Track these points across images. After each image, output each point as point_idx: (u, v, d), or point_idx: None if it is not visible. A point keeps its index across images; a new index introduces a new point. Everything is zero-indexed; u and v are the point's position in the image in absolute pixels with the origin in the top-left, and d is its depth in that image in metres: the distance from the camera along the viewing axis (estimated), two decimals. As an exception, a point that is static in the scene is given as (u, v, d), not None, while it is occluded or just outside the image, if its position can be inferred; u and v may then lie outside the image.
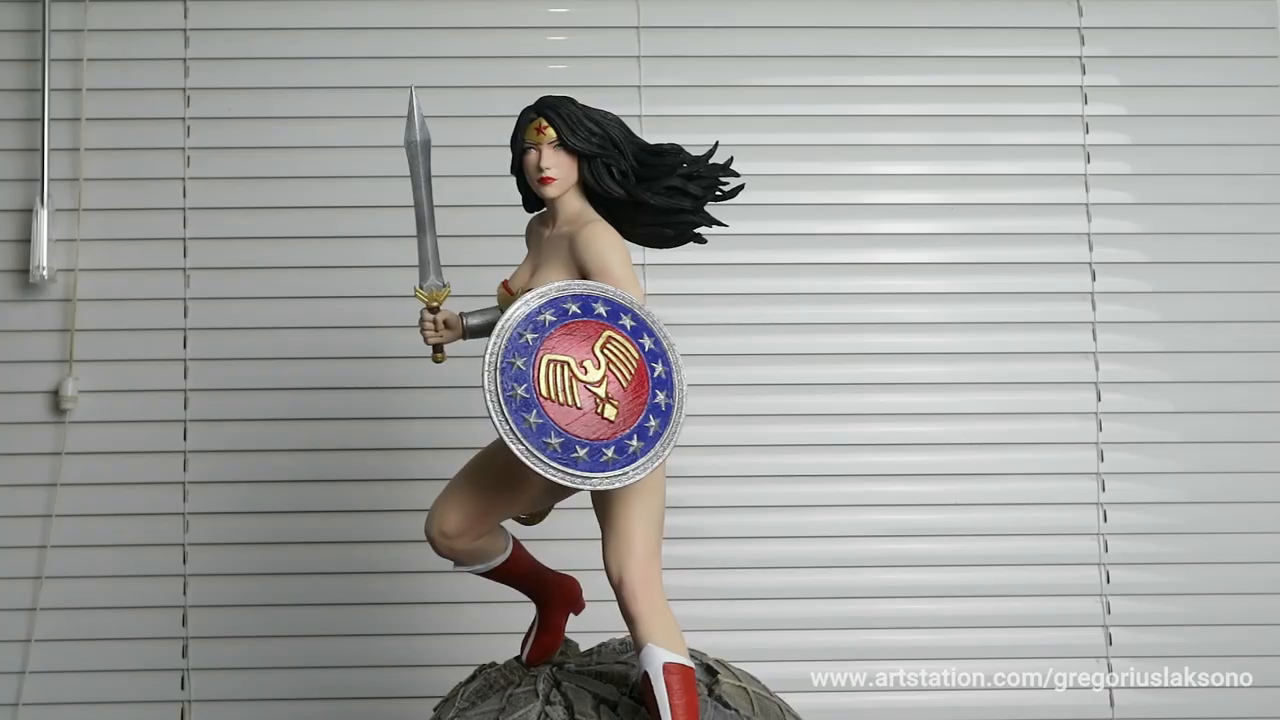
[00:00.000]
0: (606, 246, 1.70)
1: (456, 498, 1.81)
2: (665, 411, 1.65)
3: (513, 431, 1.55)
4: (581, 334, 1.62)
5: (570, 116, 1.76)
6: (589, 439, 1.59)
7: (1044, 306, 2.68)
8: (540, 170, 1.75)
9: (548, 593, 1.95)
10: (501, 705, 1.76)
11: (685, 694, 1.65)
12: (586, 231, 1.71)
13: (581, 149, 1.75)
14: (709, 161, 1.81)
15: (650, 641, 1.66)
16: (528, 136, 1.76)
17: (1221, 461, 2.66)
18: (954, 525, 2.64)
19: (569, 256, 1.72)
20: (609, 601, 1.67)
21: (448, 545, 1.80)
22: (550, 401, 1.58)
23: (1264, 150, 2.71)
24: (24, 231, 2.61)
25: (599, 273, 1.68)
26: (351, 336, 2.63)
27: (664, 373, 1.66)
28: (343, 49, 2.68)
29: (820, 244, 2.68)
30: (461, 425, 2.59)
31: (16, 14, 2.66)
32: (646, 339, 1.66)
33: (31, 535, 2.60)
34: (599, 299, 1.66)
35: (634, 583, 1.67)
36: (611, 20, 2.70)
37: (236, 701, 2.59)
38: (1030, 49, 2.73)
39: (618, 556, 1.68)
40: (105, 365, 2.63)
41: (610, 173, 1.77)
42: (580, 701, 1.73)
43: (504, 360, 1.58)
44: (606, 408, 1.60)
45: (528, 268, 1.82)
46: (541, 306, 1.62)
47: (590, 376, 1.61)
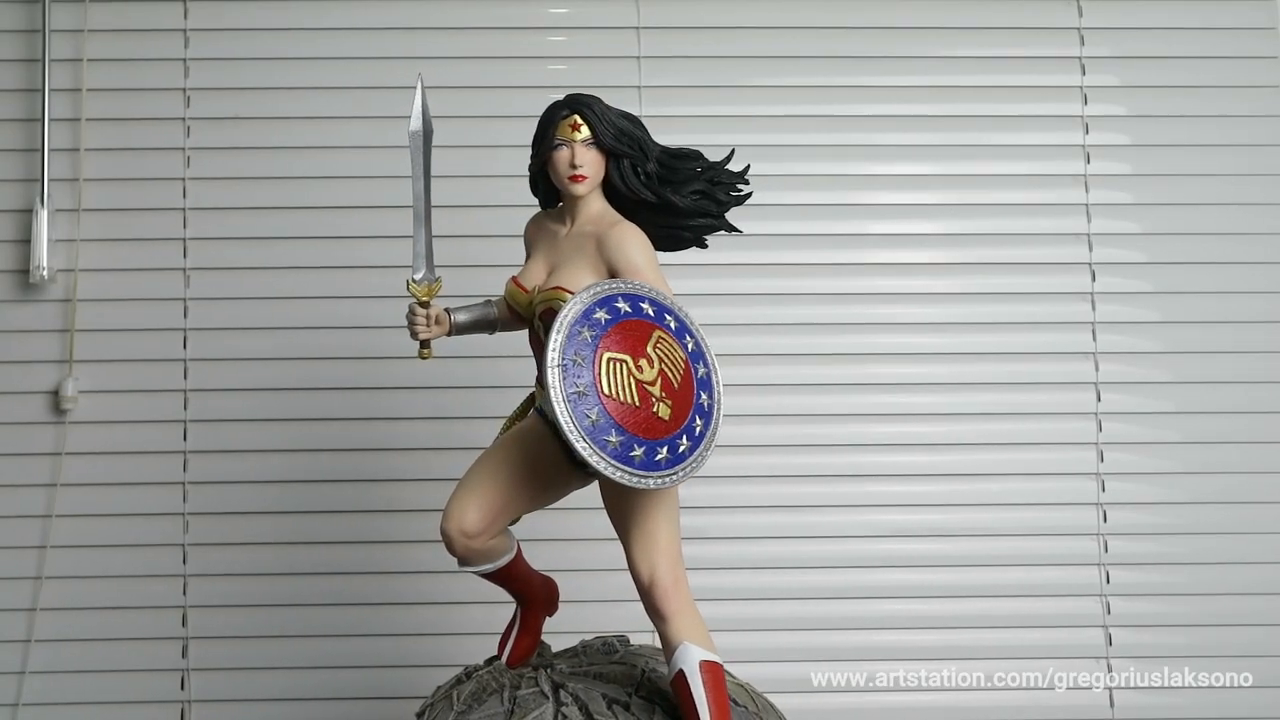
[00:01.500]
0: (639, 247, 1.71)
1: (476, 495, 1.77)
2: (708, 412, 1.65)
3: (576, 429, 1.54)
4: (634, 333, 1.61)
5: (604, 115, 1.77)
6: (646, 438, 1.57)
7: (1044, 307, 2.68)
8: (574, 167, 1.75)
9: (533, 594, 1.96)
10: (509, 707, 1.75)
11: (719, 691, 1.68)
12: (617, 232, 1.72)
13: (614, 148, 1.77)
14: (726, 168, 1.83)
15: (686, 640, 1.68)
16: (560, 133, 1.76)
17: (1221, 462, 2.66)
18: (954, 525, 2.64)
19: (595, 256, 1.73)
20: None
21: (465, 544, 1.77)
22: (610, 399, 1.56)
23: (1264, 150, 2.71)
24: (24, 232, 2.61)
25: (631, 272, 1.69)
26: (351, 337, 2.63)
27: (705, 373, 1.66)
28: (342, 49, 2.68)
29: (819, 244, 2.68)
30: (463, 425, 2.60)
31: (17, 14, 2.66)
32: (689, 339, 1.67)
33: (31, 535, 2.60)
34: (645, 299, 1.65)
35: (666, 582, 1.69)
36: (611, 21, 2.70)
37: (236, 702, 2.59)
38: (1030, 49, 2.73)
39: (648, 556, 1.70)
40: (105, 365, 2.63)
41: (637, 174, 1.78)
42: (594, 702, 1.73)
43: (565, 357, 1.56)
44: (661, 407, 1.59)
45: (541, 266, 1.81)
46: (595, 304, 1.61)
47: (646, 375, 1.60)
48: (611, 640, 1.99)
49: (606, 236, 1.72)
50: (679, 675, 1.67)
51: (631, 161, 1.78)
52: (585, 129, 1.76)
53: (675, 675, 1.68)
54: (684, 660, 1.67)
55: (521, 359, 2.31)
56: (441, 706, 1.82)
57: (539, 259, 1.83)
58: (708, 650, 1.69)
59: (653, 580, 1.69)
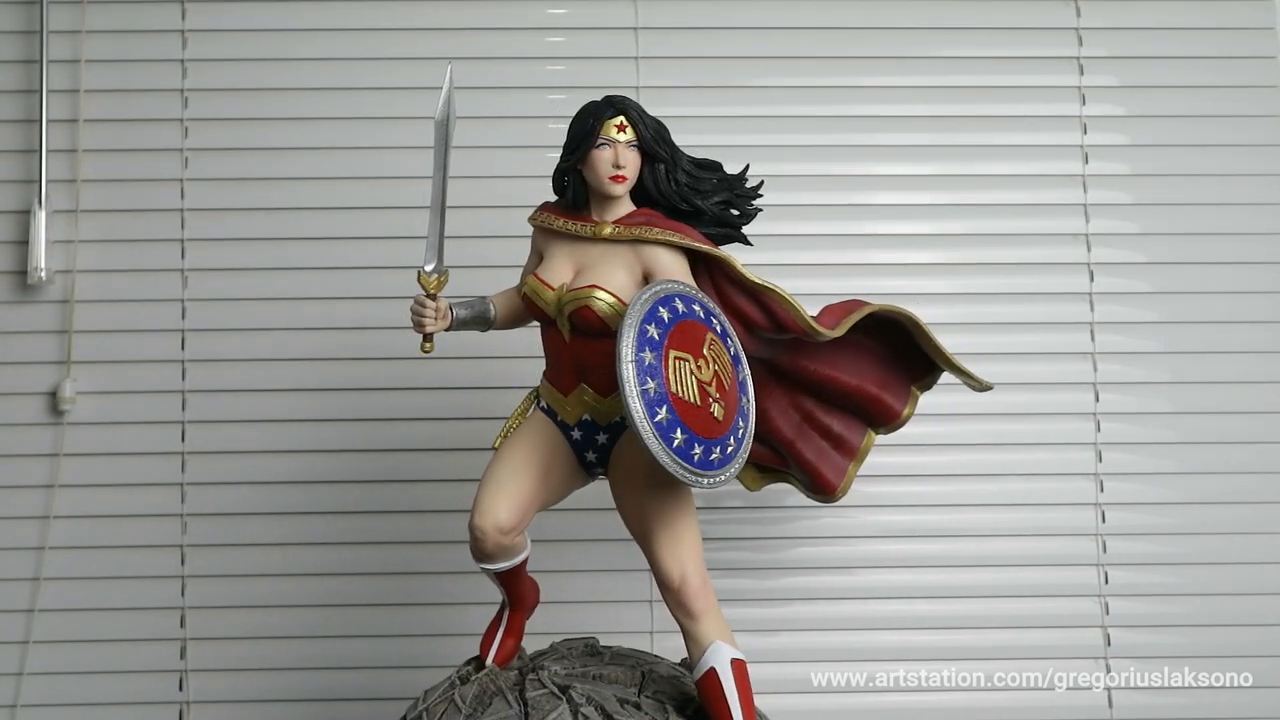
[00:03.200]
0: (675, 254, 1.77)
1: (508, 491, 1.77)
2: (747, 415, 1.68)
3: (648, 426, 1.54)
4: (692, 333, 1.62)
5: (646, 119, 1.80)
6: (705, 437, 1.58)
7: (1042, 307, 2.68)
8: (616, 167, 1.77)
9: (525, 594, 1.96)
10: (518, 710, 1.74)
11: (747, 689, 1.72)
12: (655, 237, 1.76)
13: (654, 152, 1.80)
14: (745, 183, 1.87)
15: (718, 639, 1.71)
16: (606, 132, 1.78)
17: (1220, 462, 2.66)
18: (952, 526, 2.64)
19: (631, 257, 1.76)
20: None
21: (498, 540, 1.76)
22: (676, 398, 1.57)
23: (1263, 150, 2.71)
24: (22, 233, 2.61)
25: (669, 275, 1.73)
26: (350, 337, 2.63)
27: (743, 377, 1.69)
28: (341, 50, 2.68)
29: (817, 244, 2.68)
30: (463, 426, 2.60)
31: (14, 15, 2.66)
32: (731, 343, 1.70)
33: (29, 537, 2.59)
34: (695, 300, 1.68)
35: (696, 581, 1.71)
36: (610, 21, 2.70)
37: (235, 703, 2.58)
38: (1028, 49, 2.73)
39: (678, 556, 1.72)
40: (103, 366, 2.62)
41: (669, 179, 1.81)
42: (608, 703, 1.73)
43: (637, 354, 1.56)
44: (716, 407, 1.61)
45: (565, 265, 1.81)
46: (658, 303, 1.62)
47: (704, 375, 1.61)
48: (593, 641, 2.00)
49: (646, 239, 1.76)
50: (710, 673, 1.70)
51: (666, 167, 1.81)
52: (630, 130, 1.79)
53: (706, 673, 1.71)
54: (716, 658, 1.70)
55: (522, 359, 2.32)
56: (447, 711, 1.80)
57: (561, 258, 1.83)
58: (735, 648, 1.72)
59: (684, 579, 1.70)
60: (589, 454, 1.84)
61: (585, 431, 1.82)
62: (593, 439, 1.82)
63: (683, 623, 1.73)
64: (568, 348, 1.80)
